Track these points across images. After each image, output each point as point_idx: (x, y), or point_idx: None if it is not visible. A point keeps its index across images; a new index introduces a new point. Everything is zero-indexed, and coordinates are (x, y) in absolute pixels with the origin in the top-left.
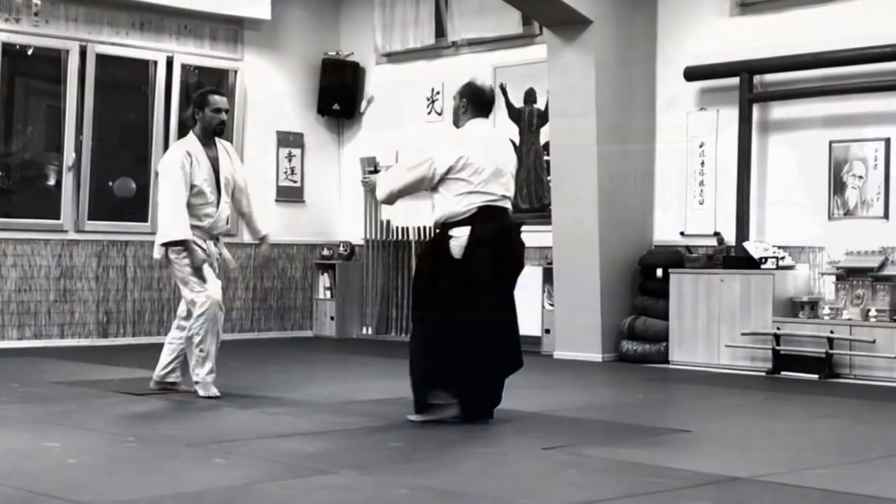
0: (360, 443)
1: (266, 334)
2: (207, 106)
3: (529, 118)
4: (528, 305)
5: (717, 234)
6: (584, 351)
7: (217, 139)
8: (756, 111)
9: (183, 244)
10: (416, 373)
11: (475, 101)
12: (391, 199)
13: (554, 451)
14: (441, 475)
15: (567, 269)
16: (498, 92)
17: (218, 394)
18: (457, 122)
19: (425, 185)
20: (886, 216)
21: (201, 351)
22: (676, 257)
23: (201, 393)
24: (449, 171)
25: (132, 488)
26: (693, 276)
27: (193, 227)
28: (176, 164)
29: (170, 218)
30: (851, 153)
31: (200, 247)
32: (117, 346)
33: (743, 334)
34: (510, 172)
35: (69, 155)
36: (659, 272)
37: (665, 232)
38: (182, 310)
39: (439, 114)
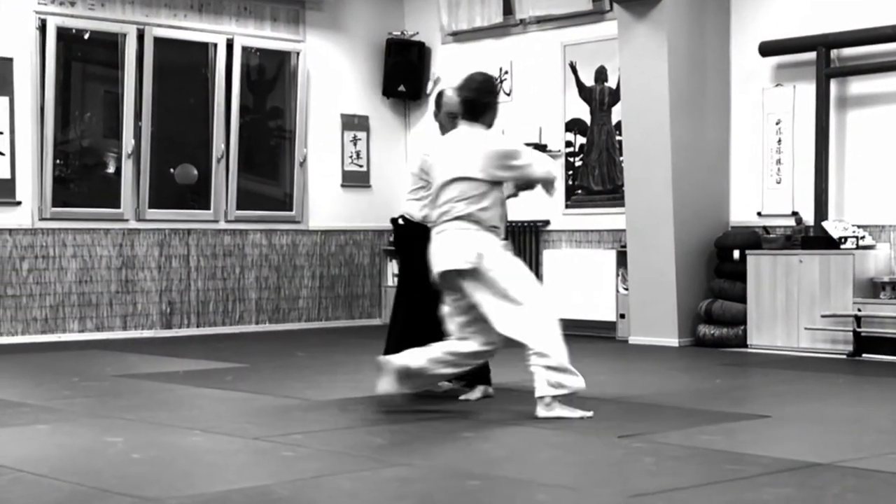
0: (431, 433)
1: (334, 323)
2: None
3: (600, 97)
4: (602, 290)
5: (795, 213)
6: (659, 336)
7: None
8: (834, 86)
9: None
10: None
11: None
12: None
13: (630, 439)
14: (514, 465)
15: (641, 252)
16: (568, 70)
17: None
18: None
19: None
20: None
21: None
22: (753, 238)
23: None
24: None
25: (198, 483)
26: (771, 258)
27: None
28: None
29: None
30: None
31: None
32: (181, 338)
33: (823, 316)
34: None
35: (128, 141)
36: (736, 254)
37: (741, 212)
38: None
39: (507, 94)
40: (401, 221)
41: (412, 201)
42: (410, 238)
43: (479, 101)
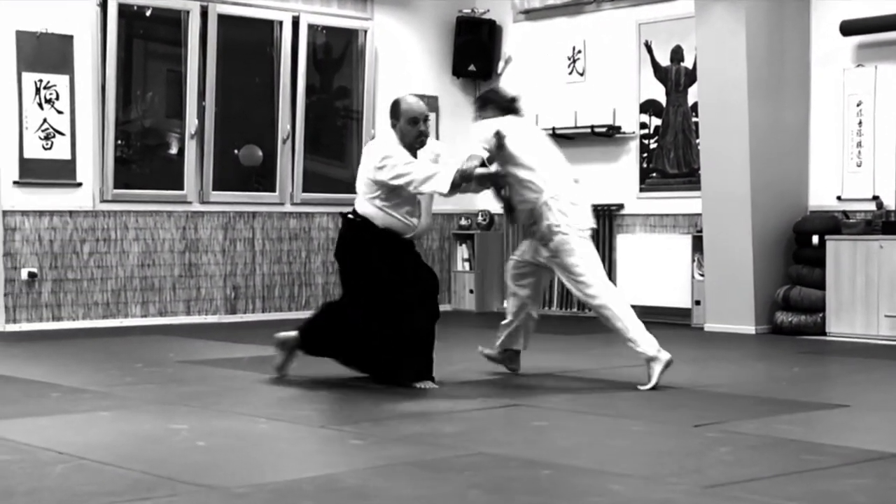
0: (501, 422)
1: None
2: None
3: (676, 77)
4: (677, 276)
5: (875, 197)
6: (736, 323)
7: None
8: None
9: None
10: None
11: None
12: None
13: (705, 428)
14: (587, 454)
15: (717, 236)
16: (643, 50)
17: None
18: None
19: None
20: None
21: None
22: (833, 223)
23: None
24: None
25: (264, 472)
26: (851, 243)
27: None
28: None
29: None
30: None
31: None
32: (246, 323)
33: None
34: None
35: (191, 122)
36: (815, 239)
37: (821, 196)
38: None
39: (581, 74)
40: (351, 216)
41: (372, 200)
42: (366, 238)
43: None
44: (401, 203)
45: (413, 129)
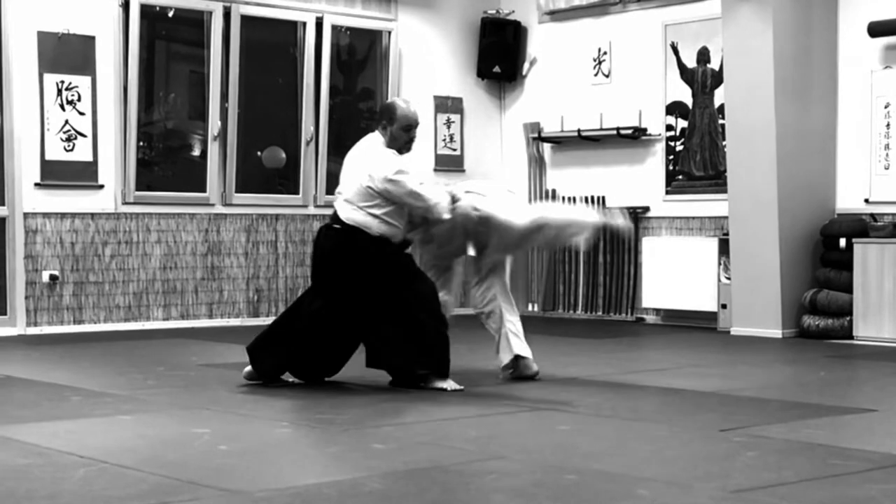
0: (526, 426)
1: None
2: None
3: (703, 79)
4: (703, 279)
5: None
6: (762, 326)
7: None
8: None
9: None
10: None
11: None
12: None
13: (732, 433)
14: (612, 459)
15: (744, 239)
16: (669, 51)
17: None
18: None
19: None
20: None
21: None
22: (860, 226)
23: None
24: None
25: (287, 476)
26: (878, 246)
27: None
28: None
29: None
30: None
31: None
32: None
33: None
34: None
35: (214, 123)
36: (842, 242)
37: (848, 199)
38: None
39: (606, 75)
40: (338, 226)
41: (370, 208)
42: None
43: None
44: (396, 209)
45: (405, 136)
